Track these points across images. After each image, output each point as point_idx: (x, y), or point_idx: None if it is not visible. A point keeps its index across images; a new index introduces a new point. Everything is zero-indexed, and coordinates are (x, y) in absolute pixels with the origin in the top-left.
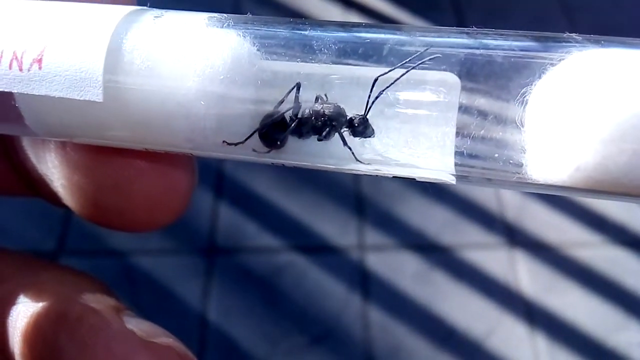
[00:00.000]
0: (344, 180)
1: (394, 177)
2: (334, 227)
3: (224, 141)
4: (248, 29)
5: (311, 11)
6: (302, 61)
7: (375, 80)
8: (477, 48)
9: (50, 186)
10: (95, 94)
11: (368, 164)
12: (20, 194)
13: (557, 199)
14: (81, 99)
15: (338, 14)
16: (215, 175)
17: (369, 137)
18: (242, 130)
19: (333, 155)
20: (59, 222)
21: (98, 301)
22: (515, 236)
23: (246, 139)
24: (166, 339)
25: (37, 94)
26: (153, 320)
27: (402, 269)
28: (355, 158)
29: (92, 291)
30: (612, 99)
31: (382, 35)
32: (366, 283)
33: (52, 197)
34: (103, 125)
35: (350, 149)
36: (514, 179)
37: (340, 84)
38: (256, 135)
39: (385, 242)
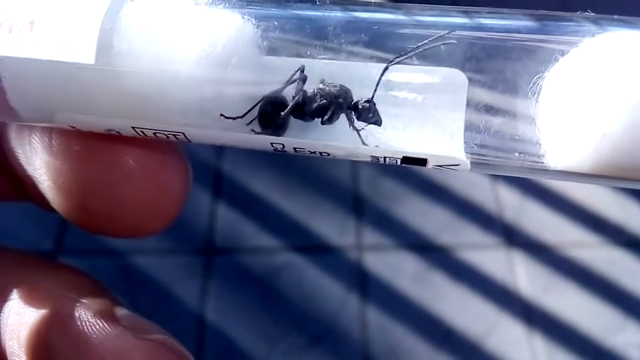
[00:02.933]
0: (342, 180)
1: (402, 163)
2: (332, 227)
3: (221, 114)
4: (249, 9)
5: None
6: (307, 43)
7: (386, 68)
8: (487, 30)
9: (39, 189)
10: (87, 56)
11: (376, 145)
12: (12, 199)
13: (556, 200)
14: (72, 61)
15: None
16: (213, 175)
17: (375, 123)
18: (241, 106)
19: (338, 139)
20: (57, 221)
21: (91, 298)
22: (513, 237)
23: (246, 113)
24: (160, 335)
25: (25, 57)
26: (151, 320)
27: (401, 269)
28: (362, 141)
29: (85, 288)
30: (631, 82)
31: (387, 16)
32: (364, 283)
33: (41, 201)
34: (92, 94)
35: (357, 130)
36: (529, 164)
37: (346, 70)
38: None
39: (384, 242)
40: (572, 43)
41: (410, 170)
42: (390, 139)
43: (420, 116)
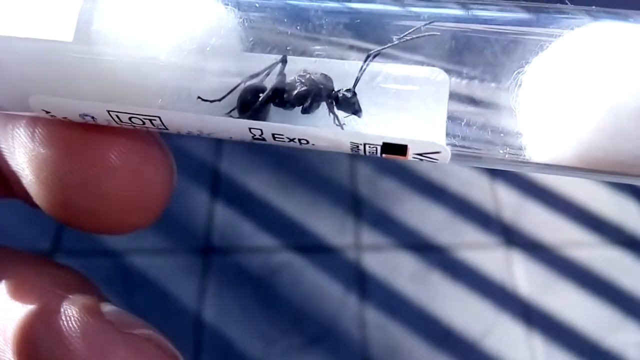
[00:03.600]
0: (340, 179)
1: (383, 152)
2: (331, 226)
3: (199, 97)
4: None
5: None
6: (289, 33)
7: (368, 56)
8: (469, 21)
9: (23, 185)
10: (65, 33)
11: (355, 132)
12: (1, 196)
13: (554, 199)
14: (50, 38)
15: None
16: (211, 175)
17: (355, 113)
18: (220, 102)
19: (318, 126)
20: (54, 221)
21: (77, 293)
22: (512, 236)
23: (224, 97)
24: (146, 330)
25: (2, 34)
26: (148, 320)
27: (399, 269)
28: (341, 126)
29: (70, 283)
30: (613, 73)
31: (373, 7)
32: (363, 283)
33: (25, 196)
34: (69, 74)
35: (336, 116)
36: (510, 157)
37: (329, 61)
38: (235, 104)
39: (382, 242)
40: (553, 35)
41: (408, 170)
42: (371, 127)
43: (402, 106)
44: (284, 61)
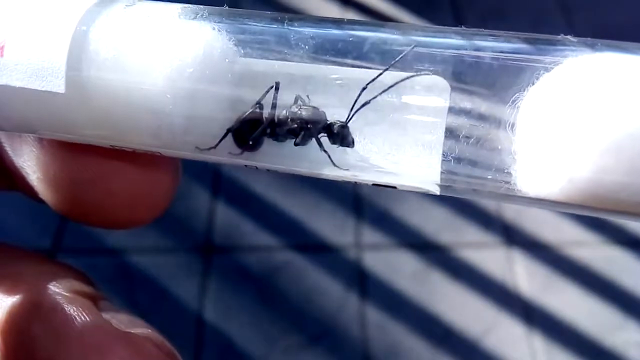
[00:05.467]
0: None
1: (373, 184)
2: (332, 225)
3: (196, 147)
4: (224, 22)
5: (308, 9)
6: (282, 59)
7: (364, 88)
8: (468, 49)
9: (27, 180)
10: (57, 85)
11: (347, 169)
12: (1, 188)
13: None
14: (43, 89)
15: (336, 12)
16: (212, 174)
17: (348, 146)
18: (213, 131)
19: (311, 159)
20: (55, 220)
21: (74, 291)
22: (513, 235)
23: (218, 143)
24: (144, 329)
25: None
26: (149, 318)
27: (400, 268)
28: (333, 163)
29: (68, 280)
30: (607, 112)
31: (367, 33)
32: (364, 282)
33: (29, 191)
34: (66, 119)
35: (327, 153)
36: (502, 190)
37: (323, 83)
38: (230, 136)
39: (383, 241)
40: (551, 64)
41: None
42: (366, 160)
43: (396, 136)
44: (276, 88)
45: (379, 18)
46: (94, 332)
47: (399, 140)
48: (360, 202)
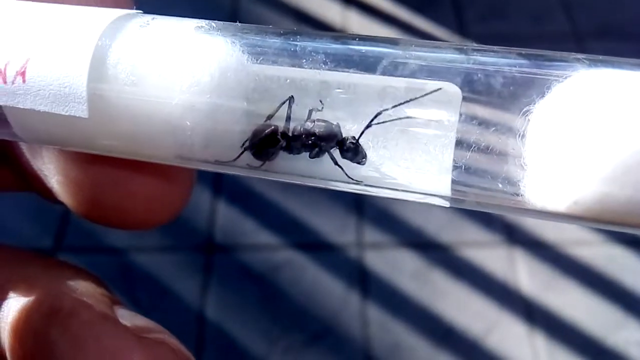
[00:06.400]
0: None
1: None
2: (333, 224)
3: (216, 160)
4: (238, 38)
5: (310, 8)
6: (295, 69)
7: (378, 113)
8: (479, 65)
9: (45, 182)
10: (80, 110)
11: (361, 181)
12: (14, 189)
13: None
14: (66, 114)
15: (337, 11)
16: (213, 173)
17: (359, 163)
18: (232, 144)
19: (325, 171)
20: (56, 219)
21: (91, 296)
22: (514, 234)
23: (237, 157)
24: (161, 334)
25: (22, 107)
26: (151, 317)
27: (401, 267)
28: (348, 177)
29: (85, 285)
30: (616, 129)
31: (380, 49)
32: (365, 281)
33: (46, 192)
34: (90, 138)
35: (341, 168)
36: (511, 203)
37: (336, 94)
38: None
39: (384, 240)
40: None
41: None
42: (378, 167)
43: (408, 143)
44: (291, 101)
45: (380, 17)
46: (112, 337)
47: (411, 146)
48: (361, 200)
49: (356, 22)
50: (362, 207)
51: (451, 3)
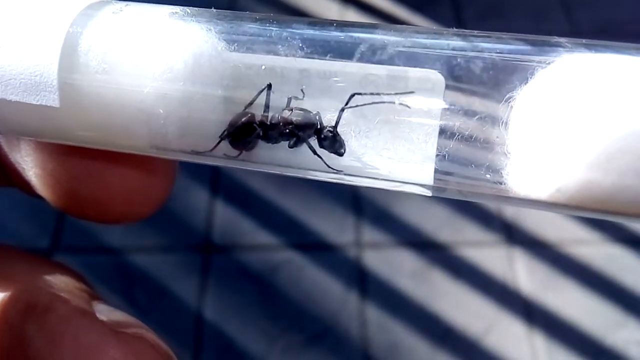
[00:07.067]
0: None
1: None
2: (331, 224)
3: (192, 150)
4: (213, 24)
5: (308, 7)
6: (273, 55)
7: (352, 95)
8: (461, 51)
9: (24, 175)
10: (51, 99)
11: (340, 170)
12: None
13: None
14: (38, 103)
15: (335, 10)
16: (211, 172)
17: (337, 153)
18: (208, 133)
19: (306, 161)
20: (53, 218)
21: (68, 291)
22: (513, 234)
23: (214, 147)
24: (139, 329)
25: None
26: (148, 317)
27: (400, 267)
28: (328, 166)
29: (63, 280)
30: (600, 116)
31: (360, 35)
32: (364, 281)
33: (25, 186)
34: (63, 128)
35: (320, 157)
36: (494, 191)
37: (316, 83)
38: (226, 139)
39: (383, 240)
40: (544, 63)
41: None
42: (360, 156)
43: (390, 132)
44: (269, 89)
45: (378, 15)
46: (88, 332)
47: (394, 134)
48: (359, 200)
49: (354, 20)
50: (360, 206)
51: (450, 1)
